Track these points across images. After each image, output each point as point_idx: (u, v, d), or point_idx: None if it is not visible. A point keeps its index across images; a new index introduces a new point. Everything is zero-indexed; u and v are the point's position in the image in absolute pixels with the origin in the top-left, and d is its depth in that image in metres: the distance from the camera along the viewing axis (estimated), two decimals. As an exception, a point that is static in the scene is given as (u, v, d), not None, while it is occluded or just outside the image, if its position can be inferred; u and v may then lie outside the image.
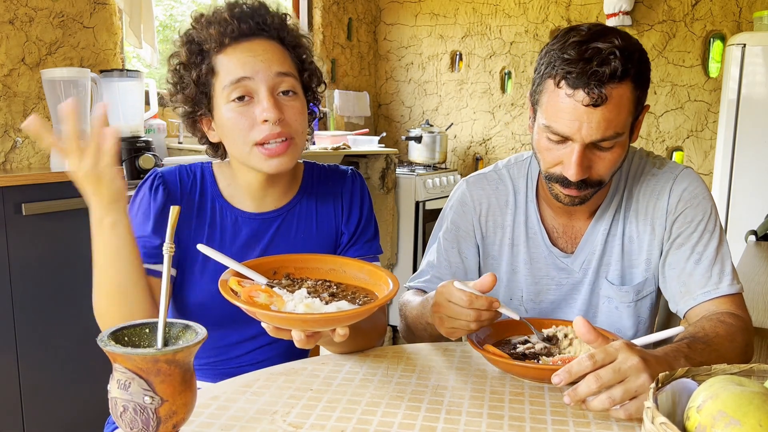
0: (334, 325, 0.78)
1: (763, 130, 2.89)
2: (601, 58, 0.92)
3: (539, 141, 1.03)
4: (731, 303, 1.03)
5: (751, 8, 3.22)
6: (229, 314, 1.07)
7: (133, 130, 2.36)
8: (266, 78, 0.98)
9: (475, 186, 1.22)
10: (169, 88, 1.06)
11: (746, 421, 0.54)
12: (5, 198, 1.67)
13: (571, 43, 0.95)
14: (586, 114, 0.94)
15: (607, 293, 1.14)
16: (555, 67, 0.96)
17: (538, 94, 1.02)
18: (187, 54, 1.02)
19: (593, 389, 0.74)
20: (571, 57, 0.94)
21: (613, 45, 0.93)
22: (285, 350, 1.15)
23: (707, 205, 1.09)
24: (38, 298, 1.76)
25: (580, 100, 0.94)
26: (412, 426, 0.78)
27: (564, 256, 1.15)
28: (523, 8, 3.75)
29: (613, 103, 0.94)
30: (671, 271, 1.09)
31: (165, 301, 0.67)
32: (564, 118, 0.96)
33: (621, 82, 0.94)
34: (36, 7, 2.18)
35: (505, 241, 1.19)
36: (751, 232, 2.33)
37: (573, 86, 0.94)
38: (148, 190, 1.07)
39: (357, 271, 0.92)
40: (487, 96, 3.92)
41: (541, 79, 1.00)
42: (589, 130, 0.95)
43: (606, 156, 0.99)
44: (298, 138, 1.02)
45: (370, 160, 3.30)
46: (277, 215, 1.11)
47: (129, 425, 0.63)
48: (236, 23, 0.99)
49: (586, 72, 0.92)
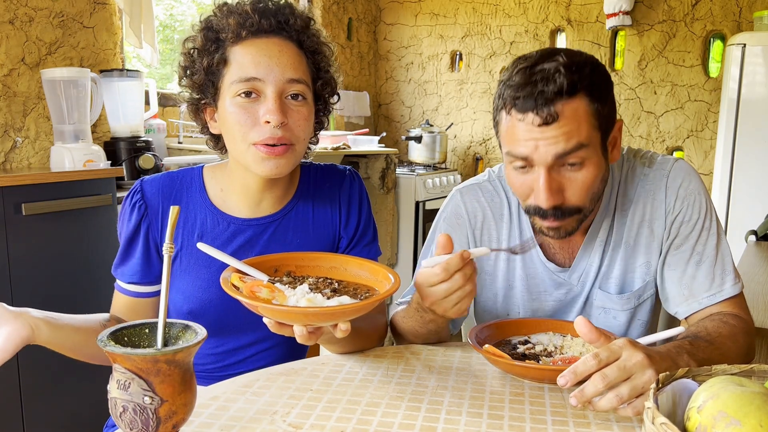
0: (336, 319, 0.78)
1: (763, 130, 2.89)
2: (546, 78, 0.92)
3: (508, 174, 1.02)
4: (734, 305, 1.03)
5: (751, 8, 3.22)
6: (225, 321, 1.07)
7: (133, 130, 2.36)
8: (276, 81, 0.96)
9: (470, 197, 1.17)
10: (179, 71, 1.04)
11: (747, 422, 0.54)
12: (5, 198, 1.67)
13: (517, 71, 0.95)
14: (540, 133, 0.93)
15: (603, 303, 1.12)
16: (504, 97, 0.96)
17: (498, 126, 1.01)
18: (203, 40, 1.00)
19: (600, 388, 0.73)
20: (516, 82, 0.94)
21: (559, 63, 0.93)
22: (282, 356, 1.14)
23: (703, 201, 1.07)
24: (38, 298, 1.76)
25: (531, 122, 0.93)
26: (412, 426, 0.78)
27: (560, 271, 1.12)
28: (523, 8, 3.75)
29: (567, 119, 0.92)
30: (671, 272, 1.07)
31: (165, 301, 0.67)
32: (520, 140, 0.95)
33: (571, 97, 0.92)
34: (36, 7, 2.18)
35: (500, 256, 1.16)
36: (751, 232, 2.33)
37: (521, 110, 0.93)
38: (128, 203, 1.07)
39: (358, 269, 0.92)
40: (487, 96, 3.92)
41: (497, 112, 1.00)
42: (547, 147, 0.93)
43: (576, 177, 0.96)
44: (298, 145, 1.00)
45: (370, 160, 3.30)
46: (272, 220, 1.08)
47: (129, 425, 0.63)
48: (257, 17, 0.97)
49: (532, 94, 0.92)
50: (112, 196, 1.93)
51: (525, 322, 1.05)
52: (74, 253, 1.85)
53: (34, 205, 1.72)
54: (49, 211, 1.77)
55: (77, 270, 1.85)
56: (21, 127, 2.17)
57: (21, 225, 1.70)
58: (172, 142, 2.65)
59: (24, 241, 1.72)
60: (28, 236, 1.73)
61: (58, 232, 1.81)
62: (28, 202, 1.71)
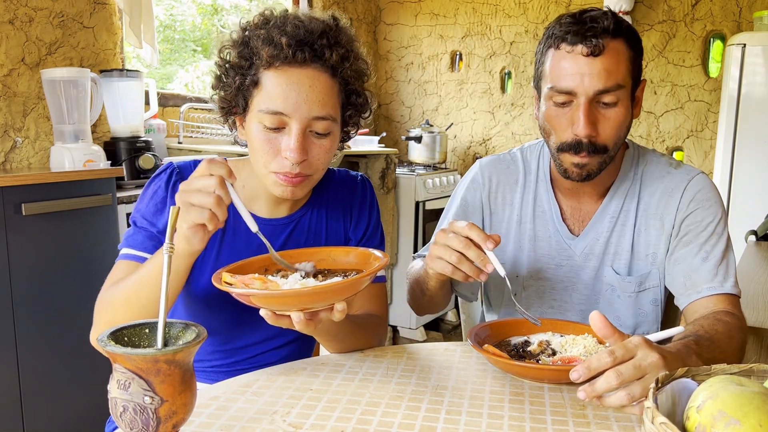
0: (330, 298, 0.80)
1: (763, 130, 2.89)
2: (595, 19, 1.03)
3: (547, 113, 1.08)
4: (730, 303, 1.05)
5: (751, 8, 3.22)
6: (238, 317, 1.07)
7: (132, 130, 2.36)
8: (302, 119, 0.95)
9: (487, 166, 1.27)
10: (213, 77, 1.03)
11: (746, 421, 0.54)
12: (5, 198, 1.67)
13: (567, 17, 1.06)
14: (587, 65, 1.02)
15: (611, 282, 1.16)
16: (554, 36, 1.05)
17: (541, 68, 1.09)
18: (238, 58, 0.99)
19: (613, 385, 0.73)
20: (567, 22, 1.04)
21: (605, 12, 1.05)
22: (291, 354, 1.15)
23: (718, 210, 1.12)
24: (38, 298, 1.76)
25: (580, 52, 1.02)
26: (412, 426, 0.78)
27: (569, 237, 1.18)
28: (523, 8, 3.76)
29: (611, 54, 1.02)
30: (677, 266, 1.10)
31: (165, 301, 0.67)
32: (567, 73, 1.03)
33: (615, 38, 1.03)
34: (36, 7, 2.18)
35: (513, 218, 1.23)
36: (751, 232, 2.33)
37: (572, 42, 1.03)
38: (164, 183, 1.05)
39: (344, 256, 0.95)
40: (487, 96, 3.92)
41: (542, 55, 1.09)
42: (591, 80, 1.02)
43: (610, 115, 1.04)
44: (317, 174, 1.01)
45: (370, 160, 3.30)
46: (289, 221, 1.11)
47: (129, 425, 0.63)
48: (289, 51, 0.94)
49: (583, 28, 1.02)
50: (112, 196, 1.93)
51: (525, 322, 1.05)
52: (74, 253, 1.85)
53: (34, 205, 1.72)
54: (49, 211, 1.77)
55: (77, 270, 1.85)
56: (21, 127, 2.17)
57: (21, 225, 1.71)
58: (172, 142, 2.65)
59: (24, 241, 1.72)
60: (28, 236, 1.73)
61: (58, 232, 1.81)
62: (28, 202, 1.71)
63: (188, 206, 0.83)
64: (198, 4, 3.64)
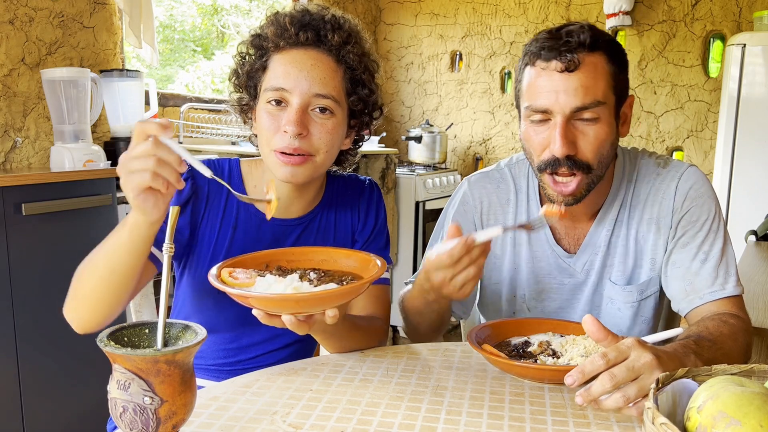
0: (321, 305, 0.80)
1: (763, 130, 2.89)
2: (571, 33, 0.99)
3: (526, 132, 1.06)
4: (733, 305, 1.04)
5: (751, 8, 3.22)
6: (243, 316, 1.07)
7: (133, 130, 2.36)
8: (302, 94, 0.99)
9: (477, 185, 1.23)
10: (230, 71, 1.10)
11: (747, 422, 0.54)
12: (5, 198, 1.67)
13: (544, 33, 1.03)
14: (562, 81, 0.98)
15: (610, 294, 1.14)
16: (530, 53, 1.02)
17: (519, 87, 1.06)
18: (250, 46, 1.05)
19: (607, 388, 0.73)
20: (543, 38, 1.01)
21: (582, 25, 1.01)
22: (295, 354, 1.15)
23: (712, 205, 1.10)
24: (38, 298, 1.76)
25: (555, 68, 0.98)
26: (412, 426, 0.78)
27: (567, 256, 1.15)
28: (523, 8, 3.75)
29: (588, 69, 0.98)
30: (675, 269, 1.09)
31: (165, 302, 0.67)
32: (542, 91, 1.00)
33: (592, 52, 0.99)
34: (36, 7, 2.18)
35: (507, 240, 1.20)
36: (751, 232, 2.33)
37: (546, 58, 0.99)
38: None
39: (346, 259, 0.95)
40: (487, 96, 3.92)
41: (520, 73, 1.06)
42: (567, 97, 0.98)
43: (589, 132, 1.00)
44: (319, 156, 1.02)
45: (370, 160, 3.30)
46: (298, 223, 1.12)
47: (129, 426, 0.63)
48: (293, 31, 1.00)
49: (557, 44, 0.99)
50: (112, 196, 1.93)
51: (525, 322, 1.05)
52: (74, 253, 1.84)
53: (34, 205, 1.72)
54: (49, 211, 1.77)
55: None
56: (21, 127, 2.17)
57: (21, 225, 1.70)
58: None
59: (24, 241, 1.72)
60: (28, 236, 1.73)
61: (58, 232, 1.81)
62: (28, 202, 1.71)
63: (127, 174, 0.77)
64: (198, 5, 3.64)
